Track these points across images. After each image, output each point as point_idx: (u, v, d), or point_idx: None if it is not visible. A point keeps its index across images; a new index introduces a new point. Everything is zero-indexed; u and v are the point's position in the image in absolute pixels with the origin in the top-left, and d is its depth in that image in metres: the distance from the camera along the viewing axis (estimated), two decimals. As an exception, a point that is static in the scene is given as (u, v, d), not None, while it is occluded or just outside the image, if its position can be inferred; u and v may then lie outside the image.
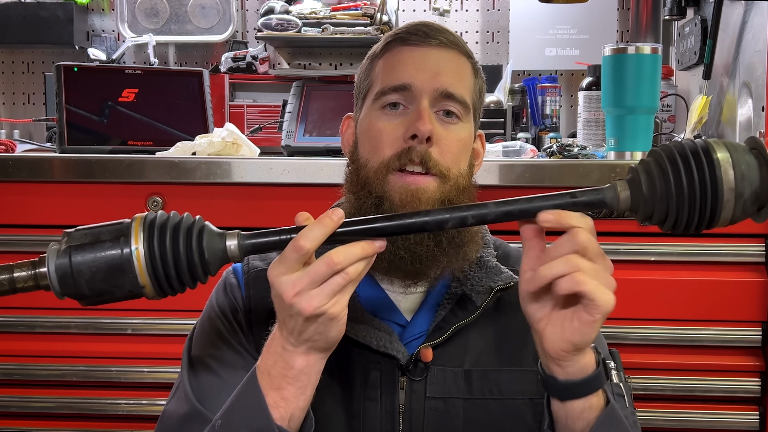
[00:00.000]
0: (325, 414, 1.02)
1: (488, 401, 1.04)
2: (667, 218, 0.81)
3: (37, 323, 1.68)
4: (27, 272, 0.81)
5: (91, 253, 0.79)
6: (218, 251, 0.81)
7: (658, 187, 0.79)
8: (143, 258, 0.78)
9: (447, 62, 1.06)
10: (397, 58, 1.06)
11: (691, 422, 1.63)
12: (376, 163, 1.02)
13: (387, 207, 0.99)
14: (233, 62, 2.51)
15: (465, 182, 1.04)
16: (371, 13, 2.39)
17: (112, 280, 0.79)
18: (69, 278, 0.79)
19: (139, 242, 0.78)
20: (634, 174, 0.82)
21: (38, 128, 2.54)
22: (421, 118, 1.00)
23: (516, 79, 2.48)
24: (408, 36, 1.07)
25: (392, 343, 1.01)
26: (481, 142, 1.14)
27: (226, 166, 1.64)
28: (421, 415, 1.02)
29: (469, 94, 1.06)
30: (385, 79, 1.05)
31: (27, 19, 2.51)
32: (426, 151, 1.00)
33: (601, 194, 0.82)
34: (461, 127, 1.05)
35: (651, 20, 2.42)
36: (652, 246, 1.61)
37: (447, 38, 1.07)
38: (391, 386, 1.02)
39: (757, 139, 0.80)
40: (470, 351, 1.05)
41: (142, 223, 0.79)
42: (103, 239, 0.79)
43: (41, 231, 1.67)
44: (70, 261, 0.78)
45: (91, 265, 0.78)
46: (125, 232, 0.79)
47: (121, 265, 0.78)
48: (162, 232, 0.79)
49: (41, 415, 1.69)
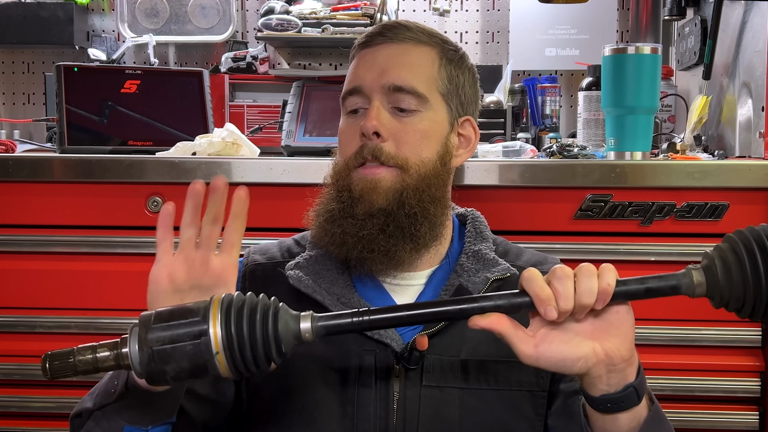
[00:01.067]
0: (319, 399, 1.03)
1: (484, 391, 1.05)
2: (744, 308, 0.81)
3: (37, 323, 1.68)
4: (110, 353, 0.82)
5: (173, 347, 0.79)
6: (293, 335, 0.82)
7: (734, 276, 0.80)
8: (224, 356, 0.79)
9: (397, 57, 1.09)
10: (355, 62, 1.13)
11: (691, 422, 1.63)
12: (342, 162, 1.10)
13: (345, 197, 1.07)
14: (233, 62, 2.51)
15: (429, 170, 1.08)
16: (371, 13, 2.39)
17: (194, 373, 0.80)
18: (154, 372, 0.80)
19: (219, 338, 0.79)
20: (709, 261, 0.83)
21: (38, 128, 2.54)
22: (368, 116, 1.06)
23: (516, 79, 2.48)
24: (367, 39, 1.13)
25: (386, 330, 1.03)
26: (471, 127, 1.15)
27: (226, 166, 1.64)
28: (416, 403, 1.03)
29: (425, 83, 1.09)
30: (346, 84, 1.13)
31: (27, 19, 2.51)
32: (376, 146, 1.06)
33: (675, 280, 0.83)
34: (419, 117, 1.08)
35: (651, 20, 2.42)
36: (652, 246, 1.61)
37: (403, 33, 1.11)
38: (386, 373, 1.03)
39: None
40: (467, 341, 1.06)
41: (219, 312, 0.80)
42: (183, 337, 0.79)
43: (41, 231, 1.67)
44: (154, 357, 0.79)
45: (174, 363, 0.79)
46: (204, 331, 0.79)
47: (204, 364, 0.79)
48: (239, 322, 0.80)
49: (41, 415, 1.69)
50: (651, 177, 1.60)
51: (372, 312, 0.83)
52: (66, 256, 1.67)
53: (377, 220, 1.05)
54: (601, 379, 0.85)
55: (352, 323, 0.83)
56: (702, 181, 1.59)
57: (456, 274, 1.08)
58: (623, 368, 0.85)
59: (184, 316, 0.80)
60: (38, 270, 1.67)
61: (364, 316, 0.82)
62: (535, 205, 1.63)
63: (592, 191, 1.60)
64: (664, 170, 1.60)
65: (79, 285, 1.67)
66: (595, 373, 0.85)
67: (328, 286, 1.06)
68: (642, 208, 1.60)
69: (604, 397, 0.86)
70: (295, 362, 1.05)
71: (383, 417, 1.03)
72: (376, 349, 1.04)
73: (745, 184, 1.59)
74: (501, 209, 1.55)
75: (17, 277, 1.67)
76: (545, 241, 1.61)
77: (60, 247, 1.67)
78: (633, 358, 0.86)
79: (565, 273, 0.82)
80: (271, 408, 1.06)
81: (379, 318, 0.83)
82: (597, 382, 0.86)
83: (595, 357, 0.83)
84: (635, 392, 0.86)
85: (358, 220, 1.05)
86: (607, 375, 0.85)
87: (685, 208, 1.59)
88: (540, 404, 1.07)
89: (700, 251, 1.60)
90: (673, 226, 1.61)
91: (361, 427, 1.02)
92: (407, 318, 0.84)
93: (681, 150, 1.79)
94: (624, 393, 0.86)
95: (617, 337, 0.84)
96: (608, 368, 0.84)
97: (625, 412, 0.87)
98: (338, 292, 1.06)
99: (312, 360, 1.05)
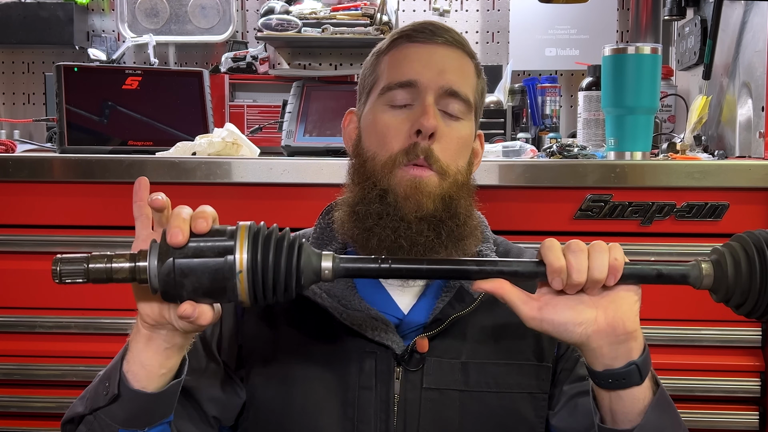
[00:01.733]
0: (319, 401, 1.03)
1: (485, 393, 1.04)
2: (745, 304, 0.84)
3: (37, 323, 1.68)
4: (126, 265, 0.81)
5: (195, 262, 0.79)
6: (313, 271, 0.83)
7: (743, 277, 0.83)
8: (246, 276, 0.79)
9: (452, 60, 1.07)
10: (403, 54, 1.08)
11: (691, 422, 1.63)
12: (384, 156, 1.04)
13: (391, 199, 1.02)
14: (233, 62, 2.51)
15: (463, 179, 1.06)
16: (371, 13, 2.39)
17: (212, 292, 0.80)
18: (171, 284, 0.79)
19: (244, 258, 0.79)
20: (719, 256, 0.85)
21: (38, 128, 2.54)
22: (426, 113, 1.02)
23: (516, 79, 2.48)
24: (414, 33, 1.08)
25: (387, 333, 1.03)
26: (480, 142, 1.16)
27: (226, 167, 1.64)
28: (417, 406, 1.03)
29: (471, 93, 1.08)
30: (391, 75, 1.06)
31: (27, 19, 2.51)
32: (429, 148, 1.02)
33: (685, 272, 0.86)
34: (463, 125, 1.06)
35: (651, 20, 2.42)
36: (652, 246, 1.61)
37: (452, 37, 1.09)
38: (387, 375, 1.03)
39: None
40: (467, 343, 1.06)
41: (247, 236, 0.80)
42: (207, 252, 0.79)
43: (41, 231, 1.67)
44: (174, 269, 0.79)
45: (194, 276, 0.79)
46: (230, 247, 0.79)
47: (224, 281, 0.79)
48: (266, 249, 0.80)
49: (41, 415, 1.69)
50: (651, 177, 1.60)
51: (394, 260, 0.85)
52: (66, 256, 1.68)
53: (430, 225, 1.02)
54: (602, 351, 0.86)
55: (372, 268, 0.85)
56: (702, 181, 1.59)
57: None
58: (625, 341, 0.86)
59: (211, 234, 0.80)
60: (38, 270, 1.67)
61: (386, 264, 0.84)
62: (535, 205, 1.63)
63: (592, 191, 1.60)
64: (664, 170, 1.60)
65: (79, 285, 1.66)
66: (595, 342, 0.86)
67: (329, 288, 1.06)
68: (642, 208, 1.60)
69: (607, 372, 0.87)
70: (296, 363, 1.05)
71: (384, 419, 1.02)
72: (377, 351, 1.03)
73: (745, 184, 1.59)
74: (501, 209, 1.55)
75: (17, 277, 1.67)
76: (545, 241, 1.61)
77: (60, 247, 1.67)
78: (637, 334, 0.87)
79: (579, 247, 0.85)
80: (271, 410, 1.05)
81: (399, 267, 0.85)
82: (598, 353, 0.86)
83: (596, 324, 0.85)
84: (637, 370, 0.87)
85: (407, 222, 1.01)
86: (608, 347, 0.86)
87: (685, 208, 1.60)
88: (541, 407, 1.07)
89: (700, 251, 1.62)
90: (673, 226, 1.61)
91: (362, 429, 1.02)
92: (426, 271, 0.86)
93: (681, 150, 1.79)
94: (626, 369, 0.86)
95: (621, 308, 0.86)
96: (609, 339, 0.85)
97: (628, 390, 0.87)
98: (339, 293, 1.05)
99: (313, 361, 1.05)
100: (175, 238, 0.78)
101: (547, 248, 0.85)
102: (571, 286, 0.84)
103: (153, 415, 0.90)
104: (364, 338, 1.03)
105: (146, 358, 0.87)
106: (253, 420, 1.07)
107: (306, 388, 1.04)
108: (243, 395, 1.08)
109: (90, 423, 0.91)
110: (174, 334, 0.86)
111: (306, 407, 1.04)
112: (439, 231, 1.02)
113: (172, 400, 0.91)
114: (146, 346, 0.86)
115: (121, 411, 0.88)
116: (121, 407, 0.88)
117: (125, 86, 1.97)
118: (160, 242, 0.80)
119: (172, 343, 0.86)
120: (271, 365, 1.06)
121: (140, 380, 0.87)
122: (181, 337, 0.87)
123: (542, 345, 1.07)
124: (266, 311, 1.08)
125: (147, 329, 0.86)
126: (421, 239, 1.01)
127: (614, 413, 0.89)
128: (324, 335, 1.05)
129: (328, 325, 1.05)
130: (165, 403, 0.90)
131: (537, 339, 1.07)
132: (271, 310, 1.08)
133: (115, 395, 0.87)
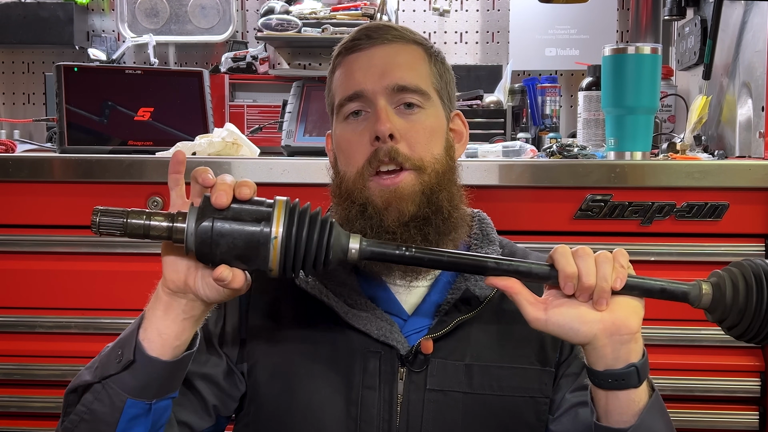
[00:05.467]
0: (323, 400, 1.03)
1: (488, 396, 1.05)
2: (737, 327, 0.90)
3: (37, 323, 1.68)
4: (164, 223, 0.83)
5: (232, 225, 0.82)
6: (341, 250, 0.86)
7: (740, 300, 0.88)
8: (280, 244, 0.82)
9: (393, 57, 1.08)
10: (347, 67, 1.09)
11: (691, 422, 1.63)
12: (353, 172, 1.05)
13: (371, 211, 1.03)
14: (233, 62, 2.51)
15: (442, 167, 1.07)
16: (371, 14, 2.39)
17: (245, 256, 0.83)
18: (206, 243, 0.82)
19: (280, 228, 0.82)
20: (720, 280, 0.91)
21: (38, 128, 2.54)
22: (379, 118, 1.03)
23: (516, 79, 2.48)
24: (353, 44, 1.10)
25: (392, 333, 1.03)
26: (461, 121, 1.16)
27: (226, 166, 1.64)
28: (420, 406, 1.03)
29: (424, 80, 1.08)
30: (341, 91, 1.08)
31: (27, 19, 2.51)
32: (393, 148, 1.03)
33: (686, 290, 0.91)
34: (425, 114, 1.07)
35: (651, 20, 2.42)
36: (652, 246, 1.61)
37: (391, 34, 1.09)
38: (390, 376, 1.03)
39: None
40: (472, 345, 1.06)
41: (284, 209, 0.83)
42: (245, 217, 0.82)
43: (41, 231, 1.67)
44: (212, 228, 0.82)
45: (230, 237, 0.82)
46: (267, 215, 0.83)
47: (257, 246, 0.82)
48: (300, 222, 0.84)
49: (41, 415, 1.69)
50: (651, 177, 1.60)
51: (417, 249, 0.89)
52: (66, 256, 1.68)
53: (414, 228, 1.02)
54: (606, 349, 0.88)
55: (396, 254, 0.88)
56: (702, 181, 1.59)
57: (463, 278, 1.07)
58: (628, 341, 0.88)
59: (251, 203, 0.84)
60: (38, 270, 1.67)
61: (410, 251, 0.88)
62: (535, 205, 1.63)
63: (592, 191, 1.60)
64: (664, 170, 1.60)
65: (79, 285, 1.67)
66: (600, 342, 0.87)
67: (335, 287, 1.06)
68: (642, 208, 1.60)
69: (607, 372, 0.89)
70: (300, 361, 1.05)
71: (386, 419, 1.02)
72: (381, 351, 1.03)
73: (745, 184, 1.59)
74: (501, 209, 1.55)
75: (17, 277, 1.67)
76: (545, 241, 1.61)
77: (60, 247, 1.67)
78: (638, 337, 0.89)
79: (587, 252, 0.88)
80: (275, 408, 1.06)
81: (420, 255, 0.89)
82: (602, 352, 0.88)
83: (602, 323, 0.87)
84: (636, 372, 0.88)
85: (390, 232, 1.02)
86: (611, 345, 0.88)
87: (685, 208, 1.60)
88: (542, 411, 1.07)
89: (700, 251, 1.62)
90: (673, 226, 1.61)
91: (364, 428, 1.02)
92: (446, 263, 0.90)
93: (681, 150, 1.79)
94: (626, 370, 0.88)
95: (626, 309, 0.88)
96: (613, 338, 0.87)
97: (625, 391, 0.89)
98: (345, 294, 1.05)
99: (317, 360, 1.05)
100: (220, 199, 0.82)
101: (560, 254, 0.88)
102: (581, 291, 0.87)
103: (163, 386, 0.91)
104: (369, 338, 1.03)
105: (164, 326, 0.88)
106: (254, 416, 1.07)
107: (310, 386, 1.04)
108: (242, 387, 1.08)
109: (98, 392, 0.91)
110: (193, 305, 0.88)
111: (310, 405, 1.04)
112: (425, 232, 1.03)
113: (182, 373, 0.93)
114: (165, 314, 0.88)
115: (133, 379, 0.89)
116: (134, 374, 0.89)
117: (125, 87, 1.97)
118: (200, 205, 0.83)
119: (190, 314, 0.89)
120: (275, 362, 1.06)
121: (155, 348, 0.88)
122: (199, 309, 0.89)
123: (546, 349, 1.08)
124: (271, 307, 1.08)
125: (168, 296, 0.88)
126: (410, 242, 1.01)
127: (609, 413, 0.91)
128: (329, 334, 1.05)
129: (333, 324, 1.05)
130: (175, 376, 0.92)
131: (541, 343, 1.07)
132: (276, 307, 1.08)
133: (130, 361, 0.88)
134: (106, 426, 0.91)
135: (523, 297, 0.89)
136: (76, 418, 0.94)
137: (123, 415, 0.90)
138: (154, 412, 0.91)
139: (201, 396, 1.05)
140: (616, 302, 0.88)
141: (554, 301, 0.89)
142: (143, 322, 0.90)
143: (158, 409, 0.91)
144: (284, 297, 1.08)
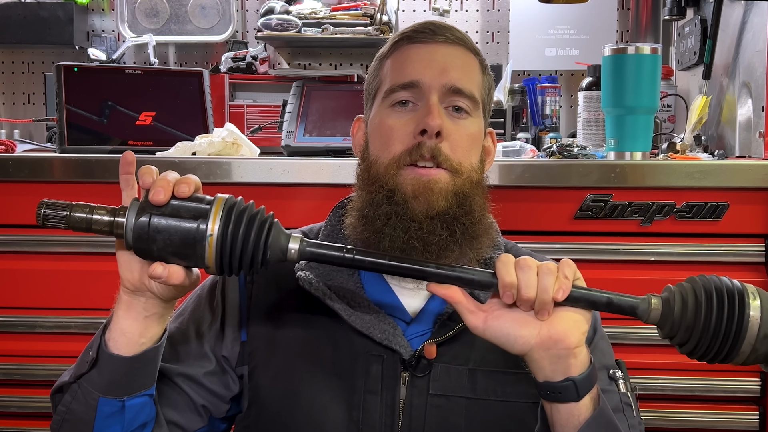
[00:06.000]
0: (325, 403, 1.02)
1: (491, 402, 1.04)
2: (687, 344, 0.87)
3: (37, 323, 1.68)
4: (106, 218, 0.85)
5: (169, 222, 0.83)
6: (280, 249, 0.86)
7: (688, 316, 0.86)
8: (215, 242, 0.82)
9: (454, 58, 1.07)
10: (405, 56, 1.08)
11: (691, 422, 1.63)
12: (387, 158, 1.04)
13: (399, 198, 1.01)
14: (233, 62, 2.51)
15: (477, 176, 1.06)
16: (371, 13, 2.39)
17: (181, 252, 0.83)
18: (143, 238, 0.83)
19: (216, 225, 0.83)
20: (669, 295, 0.88)
21: (38, 128, 2.54)
22: (431, 113, 1.01)
23: (516, 79, 2.48)
24: (415, 34, 1.08)
25: (395, 337, 1.02)
26: (491, 140, 1.15)
27: (226, 166, 1.64)
28: (422, 411, 1.02)
29: (477, 89, 1.08)
30: (394, 77, 1.06)
31: (27, 19, 2.51)
32: (436, 146, 1.01)
33: (634, 303, 0.88)
34: (471, 121, 1.06)
35: (651, 20, 2.42)
36: (652, 246, 1.61)
37: (454, 35, 1.08)
38: (393, 380, 1.02)
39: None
40: (476, 350, 1.05)
41: (222, 206, 0.83)
42: (183, 214, 0.83)
43: (41, 231, 1.67)
44: (149, 224, 0.82)
45: (166, 233, 0.82)
46: (205, 212, 0.83)
47: (193, 244, 0.82)
48: (238, 220, 0.84)
49: (41, 415, 1.69)
50: (651, 177, 1.60)
51: (359, 252, 0.88)
52: (66, 256, 1.68)
53: (441, 223, 1.01)
54: (543, 362, 0.88)
55: (336, 256, 0.88)
56: (702, 181, 1.59)
57: None
58: (566, 356, 0.87)
59: (191, 199, 0.84)
60: (38, 270, 1.67)
61: (351, 254, 0.87)
62: (535, 205, 1.63)
63: (592, 191, 1.60)
64: (664, 170, 1.60)
65: (79, 285, 1.67)
66: (535, 355, 0.87)
67: (338, 288, 1.05)
68: (642, 208, 1.60)
69: (546, 384, 0.89)
70: (302, 364, 1.05)
71: (389, 424, 1.02)
72: (384, 354, 1.02)
73: (745, 184, 1.59)
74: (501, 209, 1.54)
75: (17, 277, 1.67)
76: (545, 241, 1.61)
77: (60, 247, 1.67)
78: (578, 352, 0.88)
79: (528, 264, 0.87)
80: (276, 411, 1.05)
81: (362, 259, 0.88)
82: (539, 364, 0.88)
83: (538, 338, 0.86)
84: (574, 387, 0.88)
85: (417, 222, 1.00)
86: (549, 360, 0.87)
87: (685, 208, 1.60)
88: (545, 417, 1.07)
89: (699, 251, 1.62)
90: (673, 226, 1.61)
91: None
92: (388, 267, 0.89)
93: (681, 150, 1.79)
94: (563, 384, 0.88)
95: (565, 324, 0.87)
96: (549, 351, 0.87)
97: (566, 405, 0.88)
98: (348, 295, 1.05)
99: (319, 363, 1.04)
100: (156, 195, 0.83)
101: (502, 263, 0.87)
102: (522, 302, 0.86)
103: (131, 384, 0.91)
104: (372, 341, 1.02)
105: (126, 325, 0.90)
106: (256, 418, 1.07)
107: (312, 389, 1.04)
108: (235, 389, 1.08)
109: (74, 391, 0.93)
110: (153, 303, 0.89)
111: (311, 408, 1.03)
112: (453, 229, 1.02)
113: (151, 369, 0.93)
114: (126, 313, 0.90)
115: (100, 377, 0.91)
116: (99, 373, 0.90)
117: (125, 87, 1.97)
118: (141, 200, 0.84)
119: (151, 311, 0.89)
120: (277, 365, 1.05)
121: (119, 347, 0.90)
122: (160, 306, 0.90)
123: None
124: (273, 309, 1.07)
125: (127, 295, 0.89)
126: (434, 239, 1.01)
127: (553, 424, 0.91)
128: (331, 336, 1.05)
129: (335, 326, 1.04)
130: (142, 372, 0.92)
131: None
132: (278, 309, 1.07)
133: (94, 360, 0.90)
134: (84, 425, 0.93)
135: (463, 306, 0.89)
136: (59, 418, 0.96)
137: (98, 413, 0.92)
138: (128, 409, 0.92)
139: (187, 396, 1.04)
140: (558, 316, 0.87)
141: (495, 311, 0.88)
142: (110, 321, 0.91)
143: (132, 406, 0.92)
144: (286, 298, 1.07)
